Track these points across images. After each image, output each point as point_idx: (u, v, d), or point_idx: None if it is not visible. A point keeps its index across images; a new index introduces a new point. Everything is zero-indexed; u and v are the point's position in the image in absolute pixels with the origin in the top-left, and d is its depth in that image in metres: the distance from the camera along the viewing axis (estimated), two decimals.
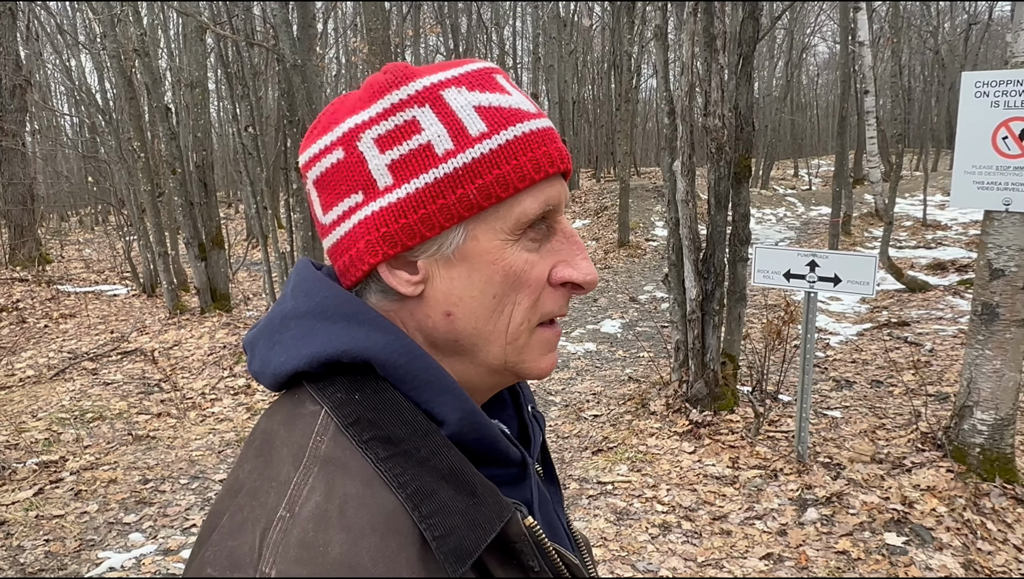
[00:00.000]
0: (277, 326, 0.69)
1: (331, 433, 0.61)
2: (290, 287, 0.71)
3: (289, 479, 0.58)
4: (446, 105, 0.66)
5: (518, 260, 0.67)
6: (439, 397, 0.64)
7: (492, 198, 0.65)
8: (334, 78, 27.75)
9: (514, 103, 0.68)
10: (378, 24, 6.61)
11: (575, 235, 0.71)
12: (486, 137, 0.65)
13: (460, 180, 0.64)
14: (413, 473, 0.60)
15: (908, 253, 12.00)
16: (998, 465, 3.92)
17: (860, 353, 7.06)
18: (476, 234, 0.66)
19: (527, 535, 0.63)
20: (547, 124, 0.69)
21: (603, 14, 24.98)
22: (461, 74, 0.68)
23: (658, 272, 11.48)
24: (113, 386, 7.11)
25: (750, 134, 5.24)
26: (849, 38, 13.06)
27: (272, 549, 0.54)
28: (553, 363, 0.73)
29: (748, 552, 3.58)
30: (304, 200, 7.51)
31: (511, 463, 0.72)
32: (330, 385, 0.65)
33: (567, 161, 0.69)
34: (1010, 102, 3.72)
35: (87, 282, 12.87)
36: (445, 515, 0.58)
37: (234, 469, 0.64)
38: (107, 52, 10.47)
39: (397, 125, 0.66)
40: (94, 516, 4.45)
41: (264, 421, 0.67)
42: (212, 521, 0.60)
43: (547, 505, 0.79)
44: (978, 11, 28.31)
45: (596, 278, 0.70)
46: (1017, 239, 3.76)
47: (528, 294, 0.68)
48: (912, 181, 20.12)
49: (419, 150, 0.65)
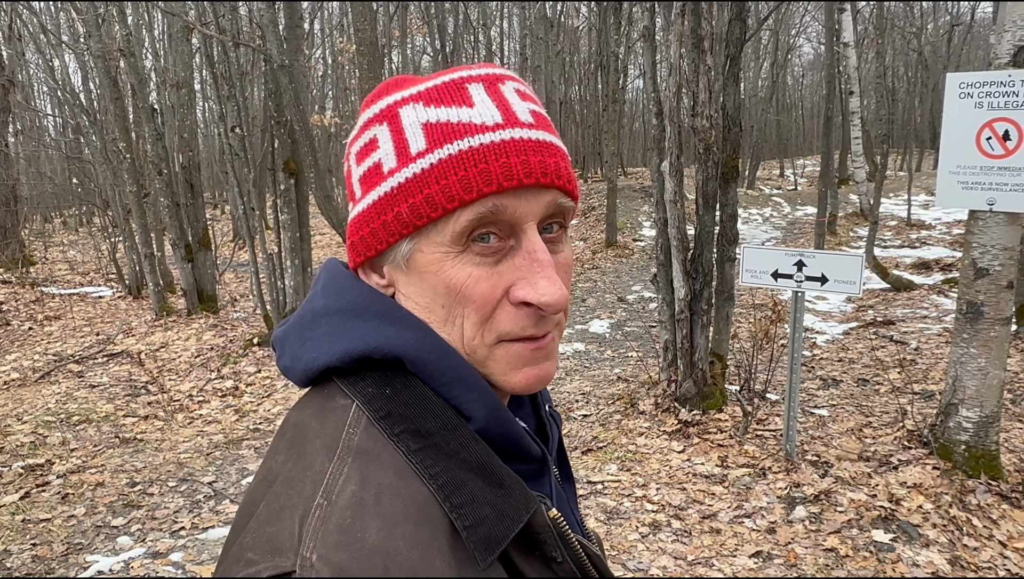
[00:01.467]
0: (308, 323, 0.71)
1: (363, 426, 0.63)
2: (320, 286, 0.74)
3: (324, 469, 0.60)
4: (399, 123, 0.67)
5: (460, 274, 0.66)
6: (467, 393, 0.66)
7: (423, 218, 0.65)
8: (321, 79, 27.65)
9: (467, 116, 0.65)
10: (366, 24, 6.59)
11: (538, 252, 0.66)
12: (422, 156, 0.65)
13: (397, 198, 0.66)
14: (443, 465, 0.62)
15: (893, 252, 12.09)
16: (983, 462, 3.96)
17: (846, 352, 7.11)
18: (421, 246, 0.67)
19: (551, 527, 0.65)
20: (513, 136, 0.65)
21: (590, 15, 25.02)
22: (428, 88, 0.68)
23: (646, 272, 11.51)
24: (99, 389, 7.06)
25: (737, 135, 5.26)
26: (834, 39, 13.15)
27: (312, 534, 0.55)
28: (531, 377, 0.69)
29: (737, 550, 3.60)
30: (290, 201, 7.49)
31: (532, 459, 0.74)
32: (361, 380, 0.67)
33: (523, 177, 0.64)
34: (994, 103, 3.76)
35: (72, 284, 12.77)
36: (475, 505, 0.60)
37: (266, 461, 0.66)
38: (91, 52, 10.40)
39: (365, 142, 0.70)
40: (81, 519, 4.42)
41: (295, 414, 0.69)
42: (248, 510, 0.62)
43: (563, 501, 0.81)
44: (960, 12, 28.57)
45: (558, 299, 0.64)
46: (1001, 238, 3.80)
47: (475, 309, 0.66)
48: (896, 181, 20.27)
49: (374, 167, 0.69)
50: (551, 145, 0.67)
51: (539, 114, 0.69)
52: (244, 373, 7.34)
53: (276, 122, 7.71)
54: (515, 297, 0.66)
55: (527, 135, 0.66)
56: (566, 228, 0.71)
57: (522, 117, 0.67)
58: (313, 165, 7.87)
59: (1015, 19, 3.66)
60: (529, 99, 0.70)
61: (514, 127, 0.66)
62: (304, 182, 7.99)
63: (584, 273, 12.24)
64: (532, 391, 0.70)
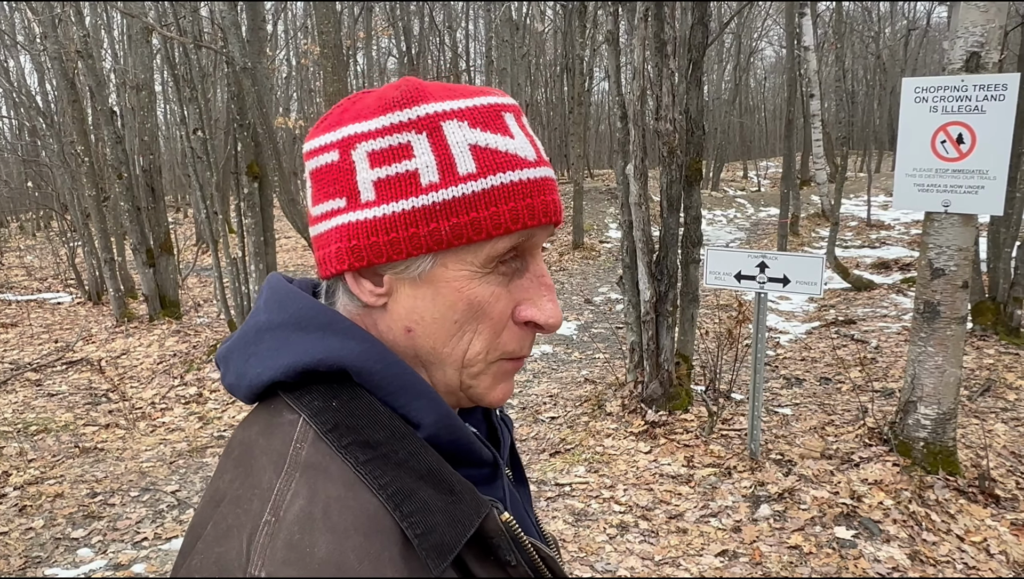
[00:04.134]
0: (252, 339, 0.70)
1: (311, 440, 0.62)
2: (263, 300, 0.72)
3: (272, 485, 0.59)
4: (443, 137, 0.66)
5: (484, 292, 0.67)
6: (415, 401, 0.66)
7: (463, 239, 0.65)
8: (285, 80, 27.39)
9: (513, 148, 0.68)
10: (330, 27, 6.55)
11: (546, 276, 0.72)
12: (472, 178, 0.65)
13: (436, 214, 0.65)
14: (393, 475, 0.61)
15: (854, 253, 12.32)
16: (941, 458, 4.05)
17: (809, 351, 7.22)
18: (446, 262, 0.67)
19: (504, 530, 0.65)
20: (544, 174, 0.69)
21: (555, 18, 25.12)
22: (469, 107, 0.68)
23: (612, 273, 11.59)
24: (58, 397, 6.91)
25: (701, 137, 5.32)
26: (795, 42, 13.38)
27: (260, 552, 0.55)
28: (507, 393, 0.73)
29: (704, 549, 3.64)
30: (254, 205, 7.40)
31: (484, 464, 0.74)
32: (307, 394, 0.66)
33: (554, 215, 0.69)
34: (948, 107, 3.85)
35: (29, 290, 12.48)
36: (425, 513, 0.60)
37: (213, 481, 0.65)
38: (48, 53, 10.18)
39: (392, 145, 0.66)
40: (40, 532, 4.32)
41: (241, 432, 0.68)
42: (195, 532, 0.61)
43: (518, 504, 0.81)
44: (916, 17, 29.22)
45: (559, 321, 0.70)
46: (956, 239, 3.89)
47: (490, 326, 0.69)
48: (857, 182, 20.66)
49: (405, 175, 0.66)
50: (556, 183, 0.72)
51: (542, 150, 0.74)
52: (208, 379, 7.24)
53: (239, 125, 7.61)
54: (521, 317, 0.69)
55: (551, 174, 0.71)
56: None
57: (544, 155, 0.71)
58: (277, 168, 7.78)
59: (967, 25, 3.75)
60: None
61: (544, 166, 0.70)
62: (268, 185, 7.90)
63: (551, 275, 12.27)
64: (502, 404, 0.74)
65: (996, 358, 6.20)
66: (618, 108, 5.37)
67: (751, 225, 16.08)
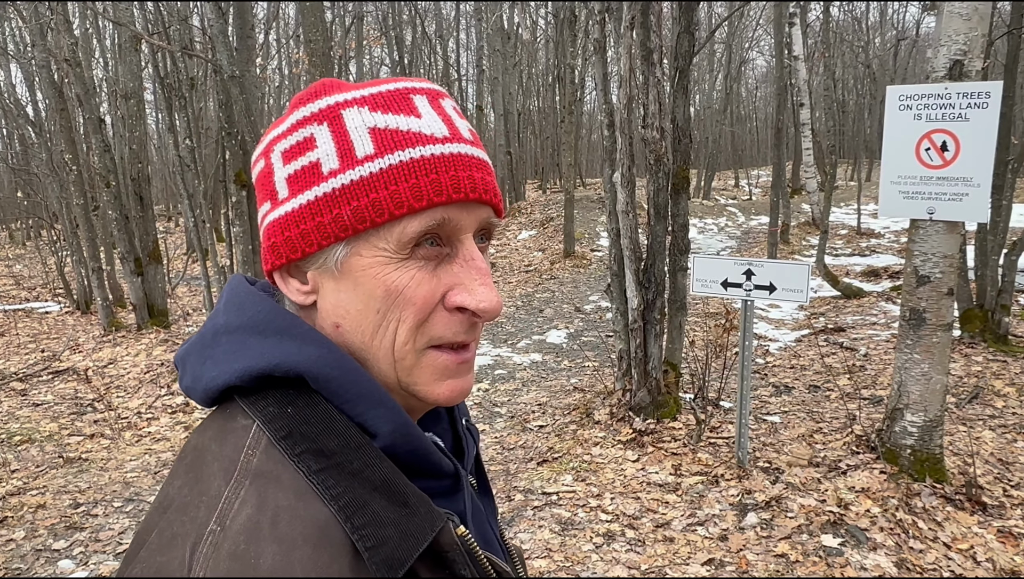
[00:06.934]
0: (209, 341, 0.69)
1: (263, 446, 0.61)
2: (222, 302, 0.71)
3: (220, 493, 0.58)
4: (342, 124, 0.66)
5: (403, 277, 0.65)
6: (372, 410, 0.65)
7: (367, 222, 0.64)
8: (277, 89, 27.39)
9: (417, 126, 0.66)
10: (318, 35, 6.54)
11: (478, 260, 0.68)
12: (370, 159, 0.64)
13: (338, 200, 0.64)
14: (345, 485, 0.60)
15: (843, 260, 12.36)
16: (928, 465, 4.04)
17: (798, 359, 7.22)
18: (359, 250, 0.66)
19: (459, 544, 0.64)
20: (458, 150, 0.66)
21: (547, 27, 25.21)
22: (372, 94, 0.67)
23: (603, 282, 11.58)
24: (43, 407, 6.85)
25: (688, 146, 5.33)
26: (785, 52, 13.44)
27: (203, 562, 0.53)
28: (455, 389, 0.70)
29: (690, 558, 3.61)
30: (242, 214, 7.38)
31: (444, 475, 0.72)
32: (262, 399, 0.64)
33: (471, 192, 0.66)
34: (932, 115, 3.87)
35: (17, 299, 12.41)
36: (377, 526, 0.59)
37: (164, 486, 0.64)
38: (37, 62, 10.15)
39: (298, 141, 0.67)
40: (21, 543, 4.27)
41: (195, 437, 0.67)
42: (140, 539, 0.59)
43: (480, 517, 0.80)
44: (906, 27, 29.43)
45: (495, 306, 0.66)
46: (941, 246, 3.90)
47: (413, 313, 0.66)
48: (847, 191, 20.75)
49: (309, 167, 0.66)
50: (487, 164, 0.70)
51: (475, 133, 0.72)
52: None
53: (227, 133, 7.60)
54: (452, 302, 0.67)
55: (471, 151, 0.68)
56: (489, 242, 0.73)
57: (464, 133, 0.69)
58: None
59: (950, 33, 3.76)
60: (464, 118, 0.72)
61: (459, 142, 0.67)
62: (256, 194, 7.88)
63: (542, 283, 12.26)
64: (454, 403, 0.71)
65: (984, 365, 6.21)
66: (606, 116, 5.38)
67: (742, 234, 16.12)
